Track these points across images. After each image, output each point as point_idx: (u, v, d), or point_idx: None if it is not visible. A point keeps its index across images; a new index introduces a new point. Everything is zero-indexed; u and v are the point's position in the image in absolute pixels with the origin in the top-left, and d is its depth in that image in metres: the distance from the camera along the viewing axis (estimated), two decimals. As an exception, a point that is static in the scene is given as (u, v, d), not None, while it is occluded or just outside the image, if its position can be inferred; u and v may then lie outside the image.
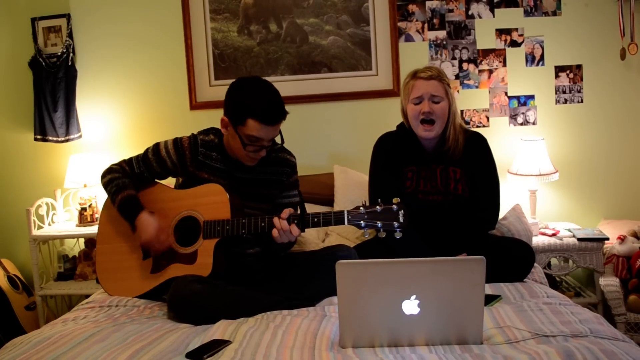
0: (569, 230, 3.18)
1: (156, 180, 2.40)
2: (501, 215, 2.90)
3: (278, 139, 2.29)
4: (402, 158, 2.58)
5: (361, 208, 2.07)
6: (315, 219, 2.13)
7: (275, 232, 2.12)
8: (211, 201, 2.23)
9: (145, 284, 2.27)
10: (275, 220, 2.13)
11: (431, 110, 2.46)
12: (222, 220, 2.20)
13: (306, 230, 2.21)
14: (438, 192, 2.53)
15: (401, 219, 2.04)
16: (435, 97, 2.47)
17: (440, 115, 2.47)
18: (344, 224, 2.09)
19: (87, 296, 2.79)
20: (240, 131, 2.19)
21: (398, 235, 2.04)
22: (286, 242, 2.18)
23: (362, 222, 2.07)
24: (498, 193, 2.56)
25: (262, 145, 2.21)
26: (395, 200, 2.06)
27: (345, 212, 2.09)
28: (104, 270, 2.36)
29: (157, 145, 2.36)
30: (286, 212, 2.15)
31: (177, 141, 2.33)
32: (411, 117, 2.52)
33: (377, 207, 2.06)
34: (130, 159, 2.39)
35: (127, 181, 2.32)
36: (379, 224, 2.05)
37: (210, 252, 2.19)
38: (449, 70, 3.38)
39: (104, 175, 2.38)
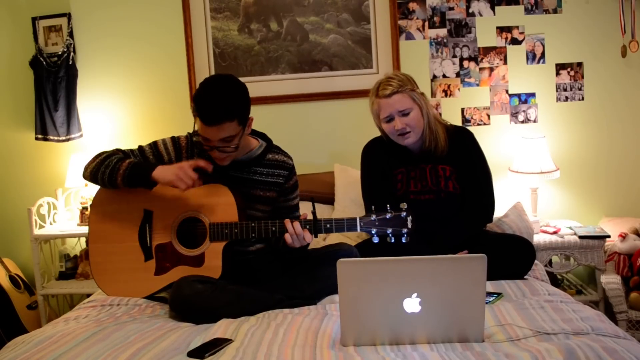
0: (570, 228, 3.18)
1: None
2: (502, 213, 2.90)
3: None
4: (390, 161, 2.58)
5: (373, 215, 2.10)
6: (328, 225, 2.14)
7: (288, 237, 2.12)
8: (217, 202, 2.21)
9: (150, 286, 2.25)
10: (287, 222, 2.13)
11: (404, 125, 2.46)
12: (230, 223, 2.18)
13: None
14: (429, 191, 2.53)
15: (409, 225, 2.08)
16: (404, 111, 2.46)
17: (414, 125, 2.47)
18: (357, 230, 2.12)
19: (89, 295, 2.79)
20: (197, 129, 2.20)
21: (405, 239, 2.08)
22: (299, 247, 2.18)
23: (373, 229, 2.09)
24: (490, 185, 2.56)
25: (213, 145, 2.16)
26: (402, 205, 2.08)
27: (358, 219, 2.11)
28: (102, 272, 2.30)
29: (154, 142, 2.34)
30: (304, 215, 2.18)
31: (175, 139, 2.33)
32: (388, 133, 2.53)
33: (387, 214, 2.09)
34: (125, 150, 2.34)
35: (121, 155, 2.26)
36: (389, 230, 2.09)
37: (219, 255, 2.18)
38: (450, 68, 3.37)
39: (90, 162, 2.28)
